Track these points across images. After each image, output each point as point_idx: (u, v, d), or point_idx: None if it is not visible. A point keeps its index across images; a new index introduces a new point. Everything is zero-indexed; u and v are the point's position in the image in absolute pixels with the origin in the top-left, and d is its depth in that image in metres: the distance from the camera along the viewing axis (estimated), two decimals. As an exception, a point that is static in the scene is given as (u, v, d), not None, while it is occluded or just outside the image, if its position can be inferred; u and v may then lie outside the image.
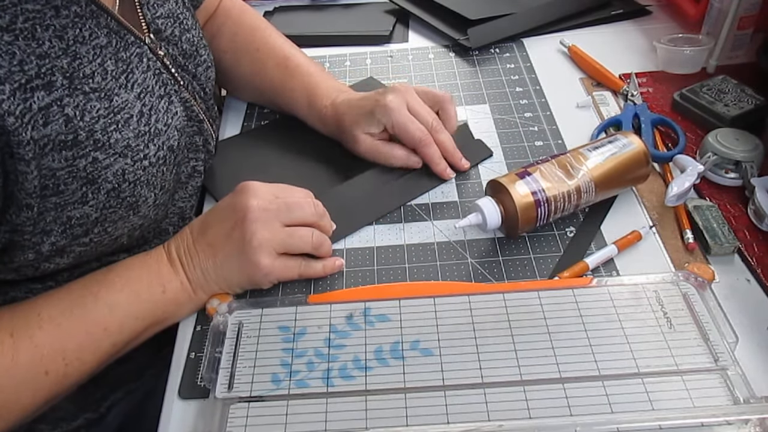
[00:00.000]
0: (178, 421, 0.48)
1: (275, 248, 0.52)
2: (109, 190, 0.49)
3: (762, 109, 0.69)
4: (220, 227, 0.53)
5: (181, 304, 0.53)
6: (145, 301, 0.51)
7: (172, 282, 0.52)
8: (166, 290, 0.52)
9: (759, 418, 0.42)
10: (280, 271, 0.53)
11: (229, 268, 0.53)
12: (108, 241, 0.53)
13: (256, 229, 0.51)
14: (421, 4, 0.96)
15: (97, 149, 0.47)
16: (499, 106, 0.77)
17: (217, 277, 0.53)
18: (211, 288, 0.54)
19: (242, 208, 0.52)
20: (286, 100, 0.72)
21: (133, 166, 0.50)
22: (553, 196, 0.57)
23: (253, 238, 0.51)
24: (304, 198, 0.56)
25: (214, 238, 0.53)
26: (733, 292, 0.54)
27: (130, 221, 0.53)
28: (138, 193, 0.52)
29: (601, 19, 0.91)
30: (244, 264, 0.52)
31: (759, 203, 0.57)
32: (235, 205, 0.53)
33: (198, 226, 0.55)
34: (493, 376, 0.46)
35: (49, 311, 0.49)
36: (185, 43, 0.60)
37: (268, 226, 0.52)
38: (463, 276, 0.57)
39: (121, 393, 0.66)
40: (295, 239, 0.54)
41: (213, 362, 0.48)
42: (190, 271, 0.53)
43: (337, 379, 0.47)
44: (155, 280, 0.52)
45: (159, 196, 0.55)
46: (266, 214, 0.52)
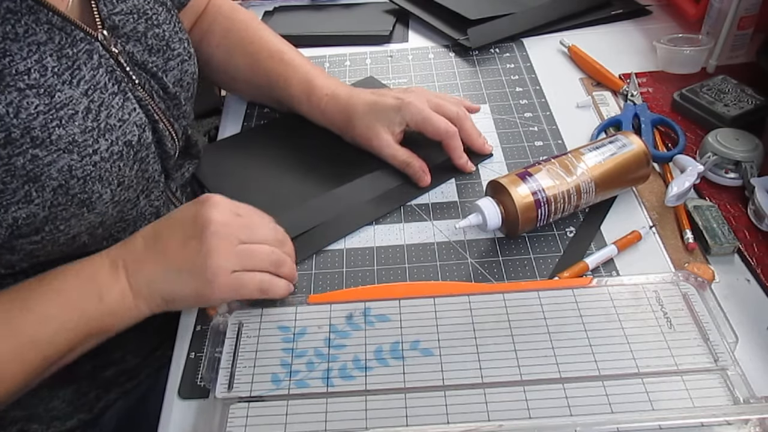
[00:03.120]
0: (178, 421, 0.48)
1: (232, 266, 0.49)
2: (56, 187, 0.47)
3: (762, 109, 0.69)
4: (176, 236, 0.50)
5: (119, 315, 0.50)
6: (80, 312, 0.48)
7: (111, 290, 0.49)
8: (103, 299, 0.49)
9: (759, 418, 0.42)
10: (233, 288, 0.49)
11: (179, 280, 0.49)
12: (65, 240, 0.51)
13: (215, 243, 0.49)
14: (421, 4, 0.96)
15: (36, 146, 0.46)
16: (499, 106, 0.77)
17: (164, 288, 0.50)
18: (154, 300, 0.50)
19: (203, 220, 0.49)
20: (282, 92, 0.72)
21: (81, 162, 0.48)
22: (553, 196, 0.57)
23: (211, 253, 0.48)
24: (265, 221, 0.53)
25: (168, 246, 0.50)
26: (733, 292, 0.54)
27: (85, 218, 0.51)
28: (90, 189, 0.49)
29: (601, 19, 0.91)
30: (196, 278, 0.49)
31: (759, 203, 0.57)
32: (195, 216, 0.50)
33: (150, 232, 0.52)
34: (493, 376, 0.46)
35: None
36: (152, 38, 0.58)
37: (228, 241, 0.49)
38: (463, 276, 0.57)
39: (115, 394, 0.65)
40: (255, 256, 0.50)
41: (213, 362, 0.48)
42: (134, 278, 0.50)
43: (337, 379, 0.47)
44: (92, 288, 0.49)
45: (117, 193, 0.52)
46: (226, 230, 0.49)
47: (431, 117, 0.64)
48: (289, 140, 0.73)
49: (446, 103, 0.66)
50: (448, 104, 0.66)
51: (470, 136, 0.67)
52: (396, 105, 0.65)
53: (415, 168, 0.65)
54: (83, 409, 0.63)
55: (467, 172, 0.67)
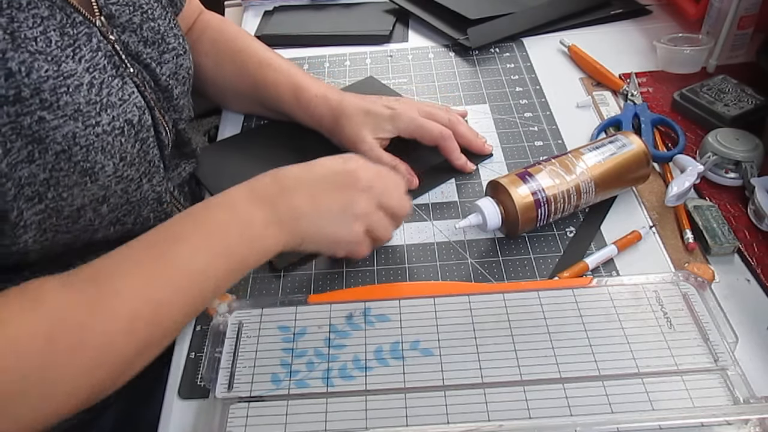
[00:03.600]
0: (178, 421, 0.48)
1: (367, 224, 0.53)
2: (58, 151, 0.48)
3: (762, 109, 0.69)
4: (327, 180, 0.53)
5: (262, 246, 0.51)
6: (227, 242, 0.50)
7: (255, 220, 0.51)
8: (248, 228, 0.50)
9: (759, 418, 0.42)
10: (361, 247, 0.54)
11: (323, 222, 0.52)
12: (69, 212, 0.51)
13: (362, 199, 0.53)
14: (421, 4, 0.96)
15: (44, 109, 0.47)
16: (499, 106, 0.77)
17: (308, 225, 0.52)
18: (294, 234, 0.52)
19: (353, 176, 0.53)
20: (270, 95, 0.72)
21: (84, 131, 0.49)
22: (553, 196, 0.57)
23: (357, 206, 0.53)
24: (401, 189, 0.56)
25: (317, 189, 0.53)
26: (733, 292, 0.54)
27: (88, 189, 0.51)
28: (93, 159, 0.50)
29: (601, 18, 0.91)
30: (339, 225, 0.53)
31: (759, 203, 0.57)
32: (344, 170, 0.54)
33: (298, 173, 0.54)
34: (493, 376, 0.46)
35: (128, 257, 0.48)
36: (147, 31, 0.59)
37: (371, 201, 0.53)
38: (463, 276, 0.57)
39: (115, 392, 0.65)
40: (382, 227, 0.55)
41: (213, 362, 0.48)
42: (280, 210, 0.51)
43: (337, 379, 0.47)
44: (237, 219, 0.50)
45: (120, 168, 0.53)
46: (371, 191, 0.53)
47: (425, 123, 0.65)
48: (289, 140, 0.73)
49: (437, 110, 0.68)
50: (440, 111, 0.68)
51: (467, 138, 0.68)
52: (388, 114, 0.66)
53: (401, 171, 0.65)
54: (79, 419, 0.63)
55: (467, 172, 0.67)
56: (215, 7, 0.86)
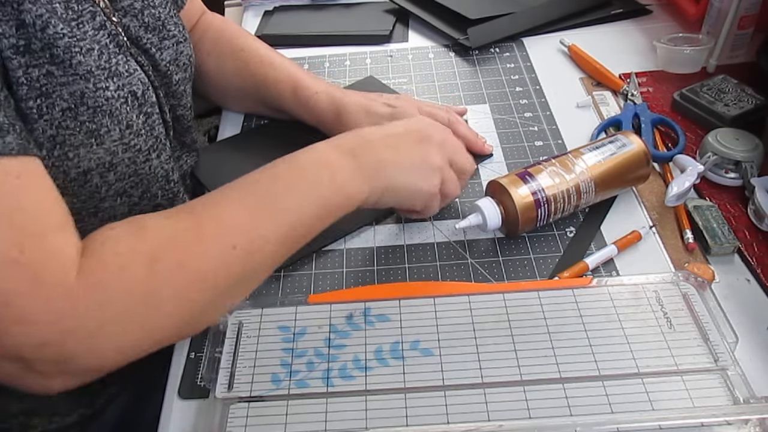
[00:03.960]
0: (178, 421, 0.48)
1: (442, 177, 0.56)
2: (65, 108, 0.49)
3: (762, 109, 0.69)
4: (405, 137, 0.55)
5: (348, 195, 0.52)
6: (317, 187, 0.51)
7: (341, 169, 0.52)
8: (335, 176, 0.51)
9: (759, 418, 0.42)
10: (436, 201, 0.57)
11: (406, 171, 0.54)
12: (75, 174, 0.52)
13: (438, 153, 0.55)
14: (421, 4, 0.96)
15: (55, 64, 0.48)
16: (499, 106, 0.77)
17: (392, 174, 0.54)
18: (378, 184, 0.53)
19: (428, 131, 0.56)
20: (270, 93, 0.73)
21: (94, 93, 0.50)
22: (553, 196, 0.57)
23: (436, 159, 0.55)
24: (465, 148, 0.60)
25: (398, 141, 0.55)
26: (733, 292, 0.54)
27: (94, 152, 0.52)
28: (99, 121, 0.51)
29: (601, 18, 0.91)
30: (421, 175, 0.55)
31: (759, 203, 0.57)
32: (420, 126, 0.57)
33: (377, 129, 0.56)
34: (493, 376, 0.46)
35: (228, 192, 0.50)
36: (148, 17, 0.60)
37: (445, 156, 0.56)
38: (463, 276, 0.57)
39: (115, 389, 0.65)
40: (452, 183, 0.57)
41: (213, 362, 0.48)
42: (364, 159, 0.53)
43: (337, 379, 0.47)
44: (325, 167, 0.52)
45: (126, 135, 0.54)
46: (444, 146, 0.56)
47: None
48: (289, 141, 0.73)
49: (437, 110, 0.68)
50: (440, 111, 0.68)
51: (467, 139, 0.68)
52: (388, 113, 0.67)
53: None
54: (83, 403, 0.63)
55: None
56: (215, 7, 0.86)
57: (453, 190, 0.57)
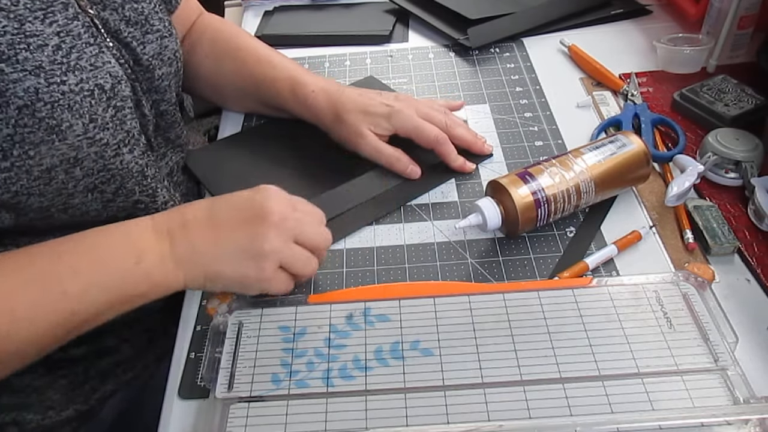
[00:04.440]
0: (178, 421, 0.48)
1: (280, 260, 0.51)
2: (21, 106, 0.48)
3: (762, 109, 0.69)
4: (232, 215, 0.51)
5: (155, 281, 0.50)
6: (114, 271, 0.48)
7: (150, 253, 0.49)
8: (141, 261, 0.49)
9: (759, 418, 0.42)
10: (276, 284, 0.52)
11: (228, 260, 0.50)
12: (39, 172, 0.51)
13: (271, 234, 0.50)
14: (421, 4, 0.96)
15: (2, 61, 0.47)
16: (499, 106, 0.77)
17: (209, 264, 0.50)
18: (195, 273, 0.50)
19: (263, 208, 0.51)
20: (268, 91, 0.72)
21: (48, 87, 0.49)
22: (553, 195, 0.57)
23: (266, 243, 0.50)
24: (318, 221, 0.55)
25: (221, 224, 0.51)
26: (733, 292, 0.54)
27: (56, 148, 0.50)
28: (59, 117, 0.50)
29: (601, 18, 0.91)
30: (246, 263, 0.50)
31: (759, 203, 0.57)
32: (254, 202, 0.52)
33: (204, 207, 0.53)
34: (493, 376, 0.46)
35: (6, 265, 0.47)
36: (130, 11, 0.59)
37: (282, 236, 0.51)
38: (463, 276, 0.57)
39: (111, 385, 0.65)
40: (300, 262, 0.52)
41: (213, 362, 0.48)
42: (179, 247, 0.50)
43: (337, 379, 0.47)
44: (130, 248, 0.49)
45: (91, 129, 0.52)
46: (284, 224, 0.51)
47: (422, 125, 0.65)
48: (288, 140, 0.73)
49: (435, 112, 0.67)
50: (437, 114, 0.67)
51: (466, 141, 0.67)
52: (386, 112, 0.66)
53: (404, 162, 0.65)
54: (78, 400, 0.63)
55: (467, 173, 0.67)
56: (215, 7, 0.86)
57: (301, 270, 0.52)
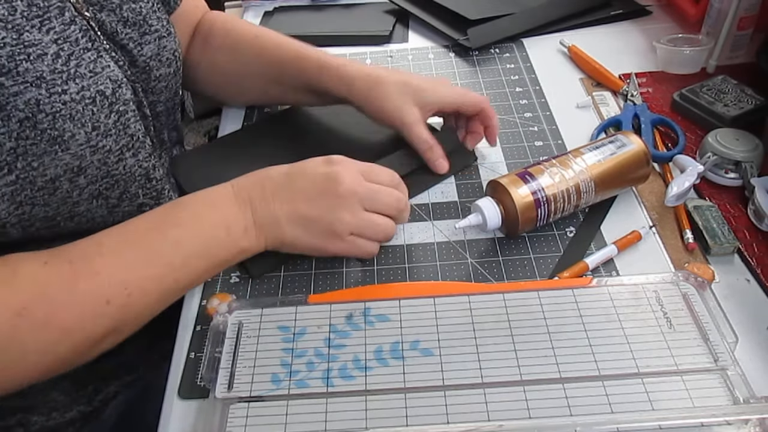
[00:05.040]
0: (178, 421, 0.48)
1: (352, 230, 0.53)
2: (22, 119, 0.47)
3: (762, 109, 0.69)
4: (307, 186, 0.53)
5: (242, 247, 0.53)
6: (209, 240, 0.51)
7: (236, 223, 0.52)
8: (230, 231, 0.52)
9: (759, 418, 0.42)
10: (353, 250, 0.54)
11: (302, 229, 0.53)
12: (42, 183, 0.50)
13: (341, 209, 0.52)
14: (421, 4, 0.96)
15: (2, 75, 0.46)
16: (499, 106, 0.77)
17: (286, 231, 0.53)
18: (275, 237, 0.53)
19: (336, 180, 0.52)
20: (294, 70, 0.70)
21: (49, 98, 0.49)
22: (553, 195, 0.57)
23: (338, 213, 0.52)
24: (390, 188, 0.55)
25: (297, 194, 0.53)
26: (733, 292, 0.54)
27: (59, 158, 0.50)
28: (61, 127, 0.49)
29: (601, 19, 0.91)
30: (319, 233, 0.53)
31: (759, 203, 0.57)
32: (328, 174, 0.53)
33: (277, 177, 0.54)
34: (493, 376, 0.46)
35: (110, 241, 0.49)
36: (128, 11, 0.58)
37: (352, 209, 0.53)
38: (463, 276, 0.57)
39: (114, 386, 0.65)
40: (370, 230, 0.54)
41: (213, 362, 0.48)
42: (260, 213, 0.53)
43: (337, 379, 0.47)
44: (220, 219, 0.52)
45: (94, 137, 0.52)
46: (354, 198, 0.53)
47: (466, 92, 0.65)
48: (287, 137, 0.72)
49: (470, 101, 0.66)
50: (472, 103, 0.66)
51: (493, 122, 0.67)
52: (429, 87, 0.65)
53: (438, 152, 0.64)
54: (82, 401, 0.63)
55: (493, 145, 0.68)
56: (215, 7, 0.86)
57: (374, 235, 0.54)
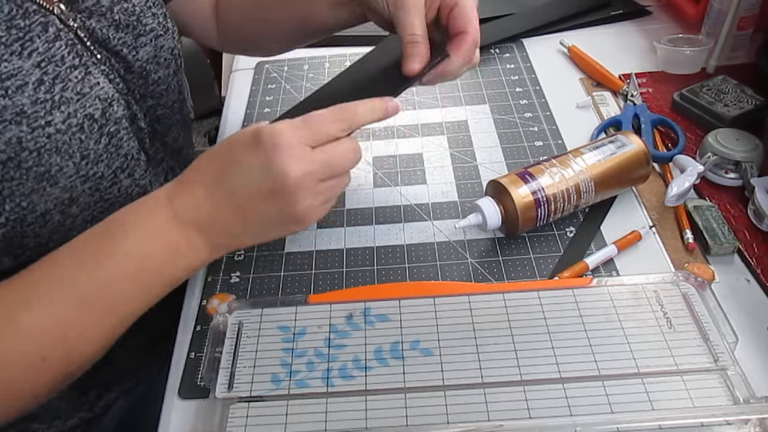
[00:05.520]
0: (178, 421, 0.48)
1: (317, 207, 0.48)
2: (5, 160, 0.45)
3: (762, 109, 0.69)
4: (251, 189, 0.46)
5: (195, 267, 0.49)
6: (156, 271, 0.47)
7: (185, 248, 0.48)
8: (178, 258, 0.48)
9: (759, 418, 0.42)
10: (319, 216, 0.49)
11: (261, 231, 0.49)
12: (33, 219, 0.49)
13: (297, 201, 0.46)
14: (421, 5, 0.95)
15: None
16: (499, 106, 0.77)
17: (245, 238, 0.50)
18: (233, 248, 0.51)
19: (279, 174, 0.45)
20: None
21: (32, 134, 0.46)
22: (553, 195, 0.57)
23: (298, 209, 0.46)
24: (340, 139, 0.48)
25: (244, 201, 0.47)
26: (733, 292, 0.54)
27: (49, 194, 0.48)
28: (48, 162, 0.47)
29: (601, 19, 0.91)
30: (280, 226, 0.49)
31: (759, 203, 0.57)
32: (268, 170, 0.45)
33: (212, 181, 0.47)
34: (493, 376, 0.46)
35: (40, 288, 0.45)
36: (119, 13, 0.55)
37: (309, 192, 0.46)
38: (463, 276, 0.57)
39: (115, 393, 0.65)
40: (336, 189, 0.49)
41: (213, 362, 0.48)
42: (210, 233, 0.48)
43: (337, 379, 0.47)
44: (164, 249, 0.47)
45: (83, 167, 0.50)
46: (307, 182, 0.46)
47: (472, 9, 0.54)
48: None
49: None
50: None
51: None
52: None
53: (419, 48, 0.52)
54: (83, 408, 0.63)
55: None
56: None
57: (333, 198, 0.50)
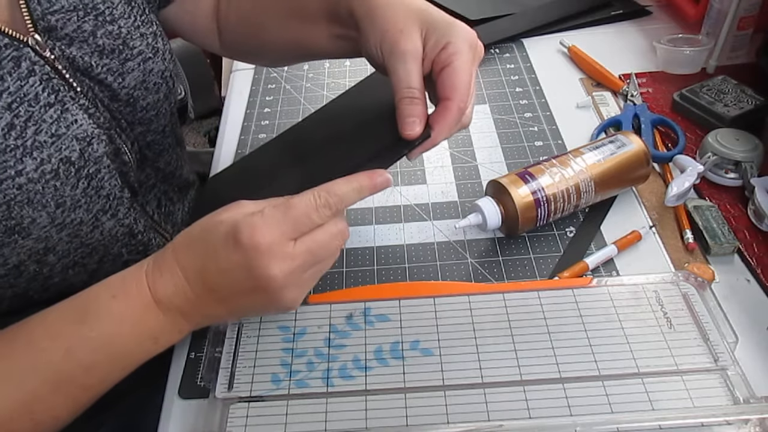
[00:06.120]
0: (178, 421, 0.48)
1: (304, 293, 0.46)
2: None
3: (762, 109, 0.69)
4: (234, 287, 0.44)
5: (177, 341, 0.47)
6: (133, 358, 0.45)
7: (168, 331, 0.46)
8: (159, 340, 0.45)
9: (759, 418, 0.42)
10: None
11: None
12: (5, 272, 0.46)
13: (281, 297, 0.44)
14: (421, 5, 0.96)
15: None
16: (499, 106, 0.77)
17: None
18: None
19: (263, 277, 0.42)
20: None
21: (0, 186, 0.43)
22: (553, 195, 0.57)
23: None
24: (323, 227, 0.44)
25: (226, 295, 0.44)
26: (733, 292, 0.54)
27: (21, 246, 0.45)
28: (18, 215, 0.44)
29: (601, 19, 0.91)
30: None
31: (759, 203, 0.57)
32: (251, 270, 0.42)
33: (194, 276, 0.44)
34: (493, 376, 0.46)
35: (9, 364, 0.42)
36: (103, 37, 0.51)
37: (294, 285, 0.44)
38: (463, 276, 0.57)
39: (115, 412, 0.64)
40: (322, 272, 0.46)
41: (213, 362, 0.48)
42: (193, 319, 0.46)
43: (337, 379, 0.47)
44: (145, 336, 0.45)
45: (59, 215, 0.47)
46: (290, 278, 0.43)
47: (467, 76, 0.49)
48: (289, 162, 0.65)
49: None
50: None
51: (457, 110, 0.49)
52: (449, 20, 0.52)
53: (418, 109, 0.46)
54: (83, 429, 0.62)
55: None
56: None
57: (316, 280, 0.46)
